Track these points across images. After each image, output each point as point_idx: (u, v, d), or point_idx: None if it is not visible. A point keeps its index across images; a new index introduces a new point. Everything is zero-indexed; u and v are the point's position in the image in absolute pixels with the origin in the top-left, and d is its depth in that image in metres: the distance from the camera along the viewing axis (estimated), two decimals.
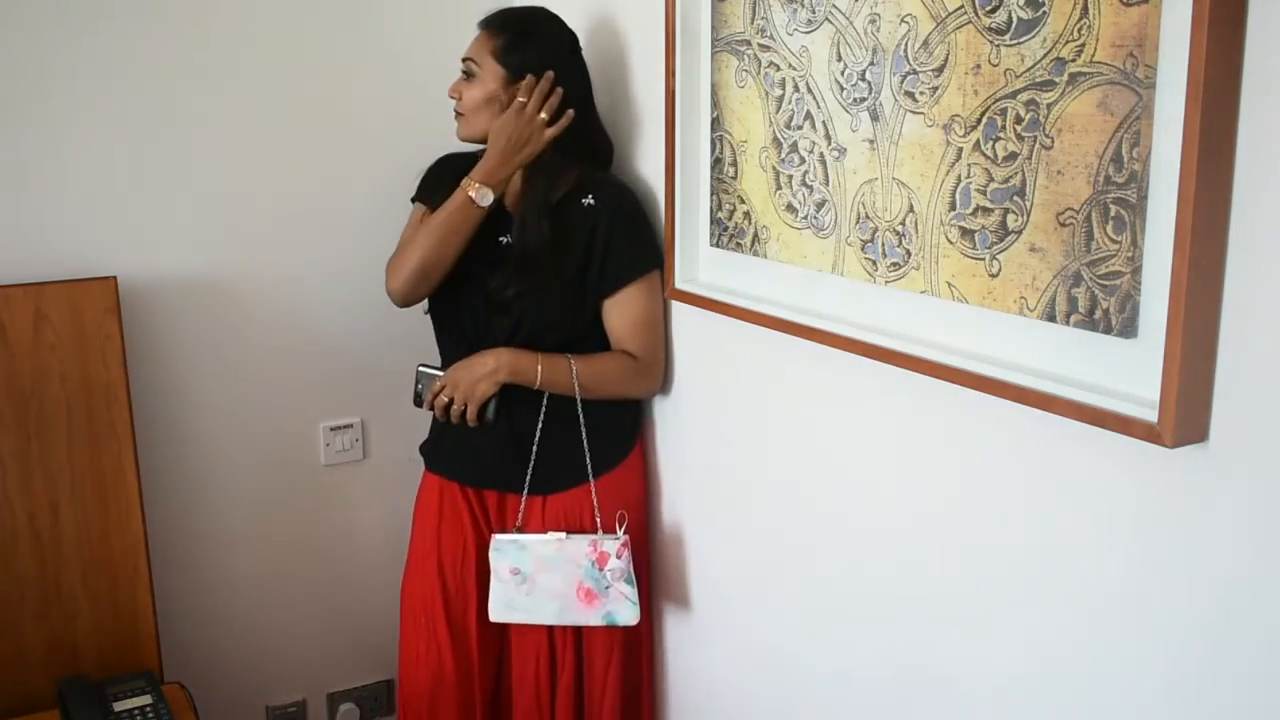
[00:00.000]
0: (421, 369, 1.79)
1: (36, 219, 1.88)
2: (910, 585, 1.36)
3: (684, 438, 1.81)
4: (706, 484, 1.77)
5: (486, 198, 1.70)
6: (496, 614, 1.77)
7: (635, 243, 1.77)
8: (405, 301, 1.79)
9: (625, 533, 1.76)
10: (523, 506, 1.80)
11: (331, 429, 2.16)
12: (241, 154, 2.02)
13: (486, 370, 1.72)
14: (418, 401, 1.80)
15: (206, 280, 2.02)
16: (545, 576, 1.74)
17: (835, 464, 1.47)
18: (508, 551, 1.74)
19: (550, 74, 1.71)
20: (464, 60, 1.76)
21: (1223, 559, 0.99)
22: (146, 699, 1.81)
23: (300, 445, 2.16)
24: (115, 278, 1.88)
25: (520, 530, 1.80)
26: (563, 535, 1.77)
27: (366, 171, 2.09)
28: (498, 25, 1.76)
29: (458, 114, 1.78)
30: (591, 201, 1.75)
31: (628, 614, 1.76)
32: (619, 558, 1.75)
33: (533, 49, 1.74)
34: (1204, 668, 1.02)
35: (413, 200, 1.88)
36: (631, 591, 1.76)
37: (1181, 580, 1.03)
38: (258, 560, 2.16)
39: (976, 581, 1.26)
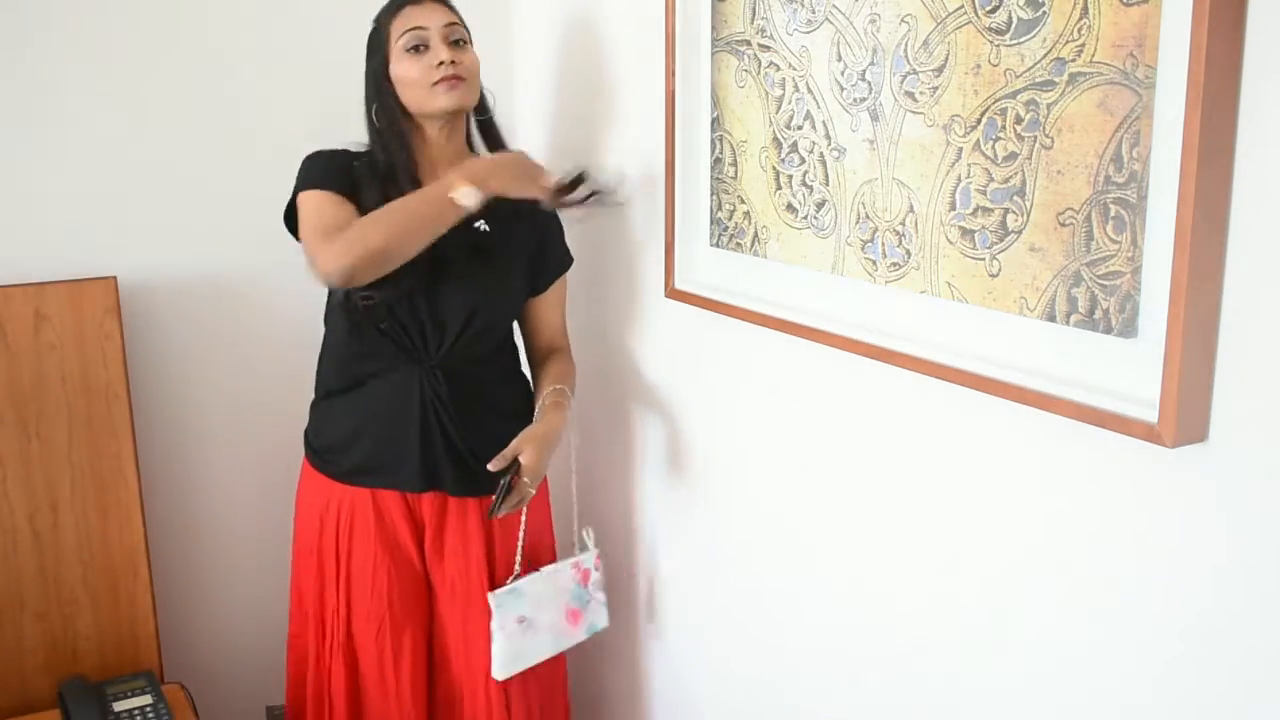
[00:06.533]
0: (503, 482, 1.63)
1: (36, 219, 1.88)
2: (908, 585, 1.36)
3: (681, 437, 1.81)
4: (703, 483, 1.77)
5: (471, 197, 1.53)
6: (504, 670, 1.70)
7: (562, 237, 1.83)
8: (348, 281, 1.54)
9: (595, 545, 1.80)
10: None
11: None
12: (242, 153, 2.02)
13: (557, 445, 1.70)
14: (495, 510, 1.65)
15: (206, 280, 2.02)
16: (543, 614, 1.74)
17: (834, 463, 1.47)
18: (509, 603, 1.70)
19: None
20: (451, 25, 1.66)
21: (1223, 559, 0.99)
22: (146, 699, 1.81)
23: (300, 445, 2.16)
24: (115, 278, 1.88)
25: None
26: (555, 567, 1.77)
27: None
28: None
29: (458, 79, 1.64)
30: None
31: (604, 617, 1.81)
32: (598, 569, 1.80)
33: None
34: (1204, 667, 1.02)
35: (307, 188, 1.65)
36: (604, 597, 1.81)
37: (1181, 580, 1.03)
38: (258, 560, 2.16)
39: (975, 582, 1.26)
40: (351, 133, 2.07)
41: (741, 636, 1.72)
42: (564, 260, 1.84)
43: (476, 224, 1.71)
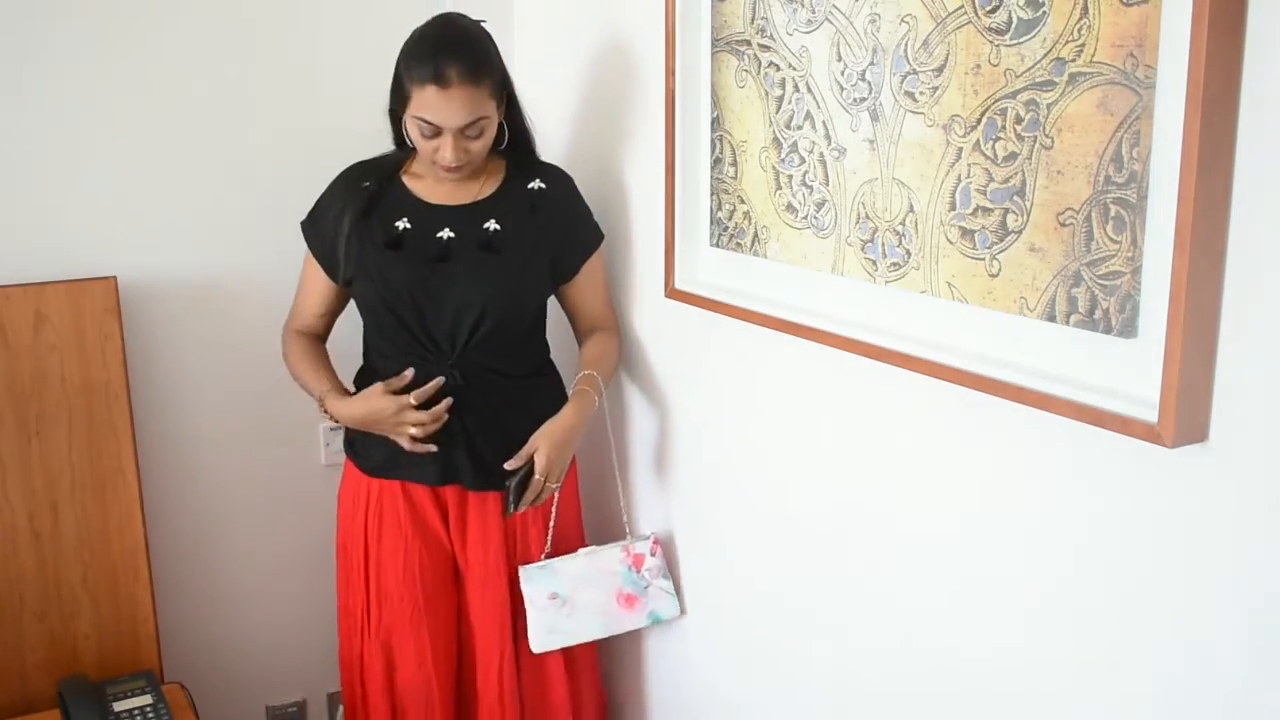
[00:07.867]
0: (511, 483, 1.68)
1: (36, 219, 1.88)
2: (908, 585, 1.36)
3: (680, 437, 1.81)
4: (703, 483, 1.77)
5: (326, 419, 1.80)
6: (539, 643, 1.74)
7: (587, 218, 1.82)
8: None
9: (652, 531, 1.81)
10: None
11: (331, 429, 2.16)
12: (242, 154, 2.02)
13: (577, 438, 1.74)
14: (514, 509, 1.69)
15: (206, 280, 2.02)
16: (584, 594, 1.75)
17: (834, 464, 1.47)
18: (539, 578, 1.75)
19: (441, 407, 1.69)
20: (473, 124, 1.61)
21: (1223, 559, 0.99)
22: (146, 699, 1.81)
23: (300, 445, 2.16)
24: (115, 278, 1.88)
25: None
26: (593, 548, 1.79)
27: None
28: (473, 70, 1.59)
29: (456, 169, 1.65)
30: (541, 185, 1.77)
31: (670, 608, 1.81)
32: (654, 555, 1.80)
33: (496, 66, 1.66)
34: (1203, 668, 1.02)
35: (307, 237, 1.81)
36: (670, 585, 1.81)
37: (1181, 580, 1.03)
38: (258, 560, 2.16)
39: (975, 581, 1.26)
40: (351, 134, 2.09)
41: (732, 637, 1.72)
42: (590, 240, 1.82)
43: (487, 224, 1.73)
